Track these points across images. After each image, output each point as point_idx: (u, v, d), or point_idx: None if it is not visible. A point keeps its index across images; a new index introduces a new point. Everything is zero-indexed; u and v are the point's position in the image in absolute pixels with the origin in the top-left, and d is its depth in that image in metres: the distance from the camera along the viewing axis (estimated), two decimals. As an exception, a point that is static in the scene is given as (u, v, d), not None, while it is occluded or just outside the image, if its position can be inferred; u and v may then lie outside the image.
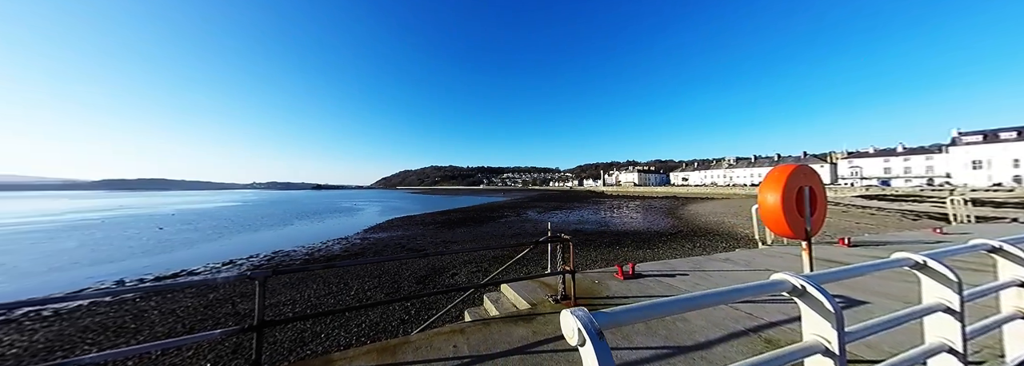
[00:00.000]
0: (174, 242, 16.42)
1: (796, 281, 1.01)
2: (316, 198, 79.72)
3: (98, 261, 12.33)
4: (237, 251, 13.97)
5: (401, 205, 47.12)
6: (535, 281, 3.95)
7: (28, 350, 4.99)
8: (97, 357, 1.37)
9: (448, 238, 15.74)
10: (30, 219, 28.47)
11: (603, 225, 19.50)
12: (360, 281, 8.14)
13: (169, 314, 6.23)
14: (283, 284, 7.82)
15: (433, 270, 9.09)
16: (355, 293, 7.31)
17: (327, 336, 5.14)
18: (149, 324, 5.83)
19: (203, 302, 6.80)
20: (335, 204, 50.25)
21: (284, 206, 46.21)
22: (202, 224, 24.00)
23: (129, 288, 1.75)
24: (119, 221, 26.30)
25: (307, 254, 13.01)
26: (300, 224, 24.01)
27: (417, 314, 5.95)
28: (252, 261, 12.01)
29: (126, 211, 36.94)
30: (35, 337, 5.44)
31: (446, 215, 28.17)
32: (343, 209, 39.41)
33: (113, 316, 6.23)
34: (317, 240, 16.36)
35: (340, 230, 20.20)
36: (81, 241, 16.88)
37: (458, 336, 2.38)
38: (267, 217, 29.42)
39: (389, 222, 23.79)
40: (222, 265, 11.49)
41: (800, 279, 1.01)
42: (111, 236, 18.31)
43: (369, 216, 29.96)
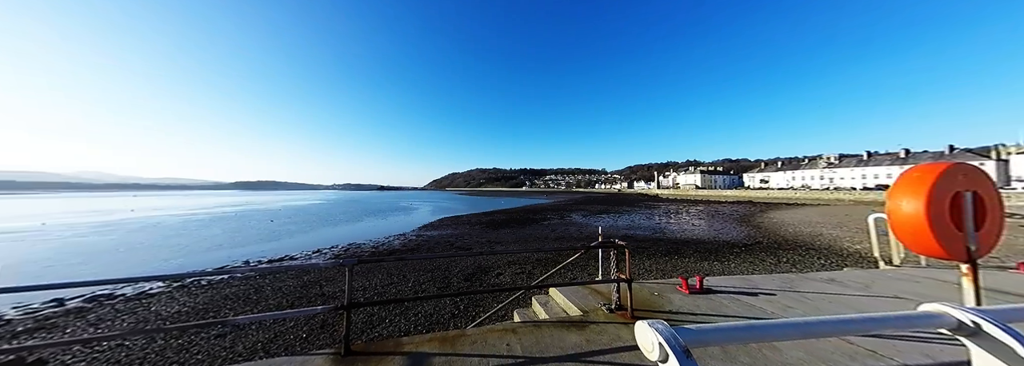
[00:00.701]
0: (280, 232, 20.40)
1: (966, 316, 0.76)
2: (380, 198, 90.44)
3: (233, 245, 16.04)
4: (322, 242, 16.67)
5: (449, 205, 50.38)
6: (586, 287, 3.79)
7: (194, 309, 6.75)
8: (241, 320, 1.83)
9: (492, 238, 16.22)
10: (193, 211, 38.60)
11: (658, 231, 17.79)
12: (416, 274, 8.92)
13: (277, 291, 7.74)
14: (357, 272, 9.05)
15: (479, 269, 9.45)
16: (412, 285, 8.03)
17: (391, 321, 5.75)
18: (264, 297, 7.33)
19: (300, 283, 8.28)
20: (394, 204, 56.26)
21: (355, 205, 53.54)
22: (298, 218, 29.33)
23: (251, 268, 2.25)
24: (245, 214, 33.82)
25: (373, 247, 14.80)
26: (367, 220, 27.50)
27: (466, 310, 6.25)
28: (333, 250, 14.19)
29: (249, 207, 47.29)
30: (197, 299, 7.32)
31: (490, 216, 29.07)
32: (401, 208, 43.87)
33: (242, 289, 8.02)
34: (380, 235, 18.52)
35: (398, 227, 22.50)
36: (223, 228, 22.20)
37: (510, 335, 2.42)
38: (343, 214, 34.45)
39: (439, 221, 25.59)
40: (313, 253, 13.82)
41: (974, 314, 0.76)
42: (240, 226, 23.65)
43: (422, 215, 32.73)
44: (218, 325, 1.85)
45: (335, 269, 8.50)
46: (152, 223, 25.28)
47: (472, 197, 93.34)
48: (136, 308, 6.82)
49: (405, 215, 32.84)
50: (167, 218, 29.33)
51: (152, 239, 17.78)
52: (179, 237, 18.46)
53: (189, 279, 8.95)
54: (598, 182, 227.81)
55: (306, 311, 1.92)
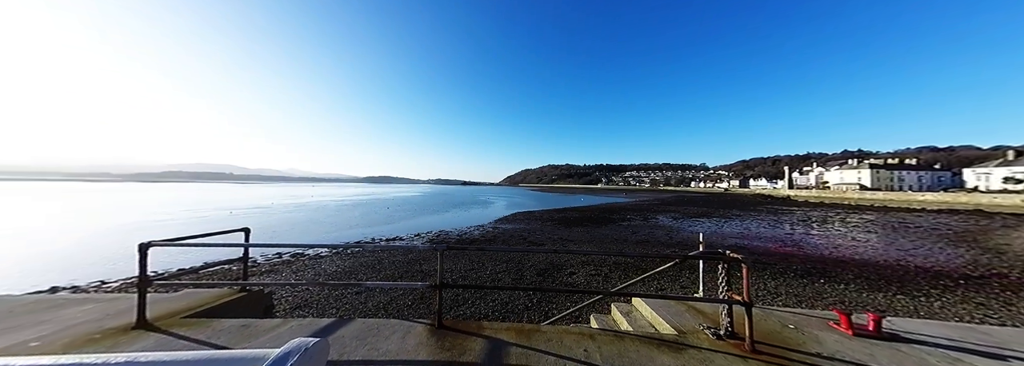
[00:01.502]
0: (393, 217, 25.60)
1: None
2: (463, 192, 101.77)
3: (365, 225, 21.10)
4: (421, 227, 20.02)
5: (522, 201, 52.03)
6: (682, 304, 3.19)
7: (343, 270, 9.21)
8: (370, 284, 2.36)
9: (564, 236, 15.83)
10: (342, 198, 52.70)
11: (788, 244, 13.56)
12: (493, 264, 9.57)
13: (392, 264, 9.73)
14: (446, 256, 10.38)
15: (551, 265, 9.37)
16: (489, 273, 8.67)
17: (471, 303, 6.37)
18: (384, 268, 9.34)
19: (406, 260, 10.17)
20: (475, 198, 62.21)
21: (444, 198, 61.90)
22: (404, 207, 36.10)
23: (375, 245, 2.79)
24: (371, 202, 43.93)
25: (458, 235, 16.76)
26: (453, 212, 31.36)
27: (538, 304, 6.30)
28: (428, 235, 16.82)
29: (373, 196, 61.26)
30: (345, 263, 9.97)
31: (562, 213, 28.50)
32: (480, 202, 48.13)
33: (370, 259, 10.44)
34: (463, 225, 20.80)
35: (477, 219, 24.74)
36: (359, 212, 29.49)
37: (588, 341, 2.25)
38: (435, 205, 40.37)
39: (513, 216, 26.77)
40: (414, 236, 16.76)
41: None
42: (367, 211, 30.87)
43: (498, 209, 34.96)
44: (357, 285, 2.42)
45: (430, 251, 10.06)
46: (322, 205, 36.33)
47: (544, 193, 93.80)
48: (314, 265, 9.81)
49: (483, 209, 35.85)
50: (329, 202, 41.36)
51: (322, 216, 25.28)
52: (337, 216, 25.64)
53: (340, 248, 12.26)
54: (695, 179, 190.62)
55: (411, 285, 2.31)
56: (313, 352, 0.58)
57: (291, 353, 0.56)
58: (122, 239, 14.49)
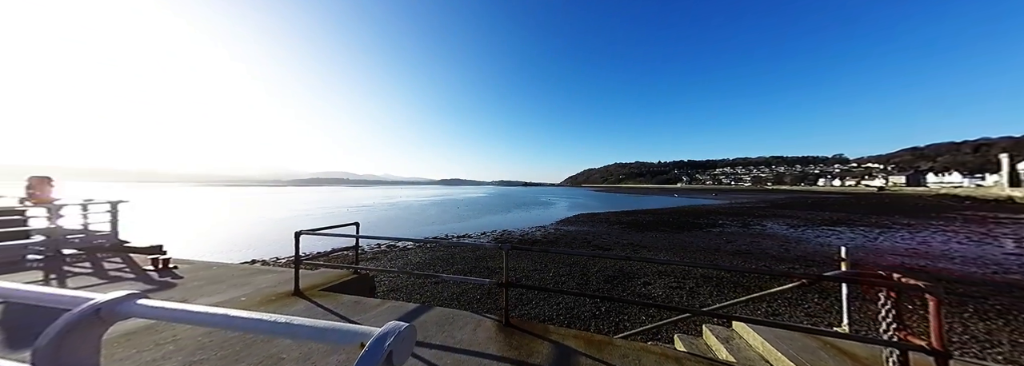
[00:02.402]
0: (463, 216, 28.05)
1: None
2: (524, 193, 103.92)
3: (438, 222, 23.76)
4: (486, 226, 21.30)
5: (585, 202, 49.66)
6: (814, 338, 2.44)
7: (424, 261, 10.55)
8: (445, 276, 2.62)
9: (635, 241, 14.32)
10: (422, 199, 60.68)
11: (1004, 268, 8.94)
12: (556, 266, 9.39)
13: (462, 259, 10.64)
14: (511, 255, 10.71)
15: (620, 272, 8.58)
16: (552, 275, 8.53)
17: (535, 304, 6.37)
18: (456, 262, 10.28)
19: (474, 256, 10.96)
20: (536, 199, 62.56)
21: (506, 199, 64.32)
22: (471, 207, 39.10)
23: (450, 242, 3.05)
24: (444, 202, 49.22)
25: (520, 236, 17.12)
26: (514, 212, 32.26)
27: (606, 314, 5.85)
28: (493, 233, 17.73)
29: (445, 197, 68.39)
30: (425, 256, 11.40)
31: (632, 216, 25.90)
32: (541, 203, 48.15)
33: (445, 254, 11.66)
34: (525, 225, 21.13)
35: (538, 220, 24.75)
36: (435, 211, 33.39)
37: (671, 363, 1.94)
38: (498, 206, 42.38)
39: (576, 217, 25.77)
40: (480, 234, 17.95)
41: None
42: (442, 210, 34.62)
43: (559, 210, 34.25)
44: (435, 277, 2.71)
45: (495, 250, 10.57)
46: (407, 204, 42.69)
47: (609, 194, 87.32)
48: (403, 255, 11.56)
49: (544, 210, 35.71)
50: (412, 202, 48.28)
51: (407, 214, 29.64)
52: (419, 214, 29.73)
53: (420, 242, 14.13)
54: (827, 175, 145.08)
55: (479, 281, 2.45)
56: (405, 335, 0.66)
57: (388, 334, 0.64)
58: (285, 227, 20.14)
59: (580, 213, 29.53)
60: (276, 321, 0.77)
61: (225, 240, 15.43)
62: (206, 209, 34.03)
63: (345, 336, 0.67)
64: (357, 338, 0.65)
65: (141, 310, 0.89)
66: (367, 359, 0.60)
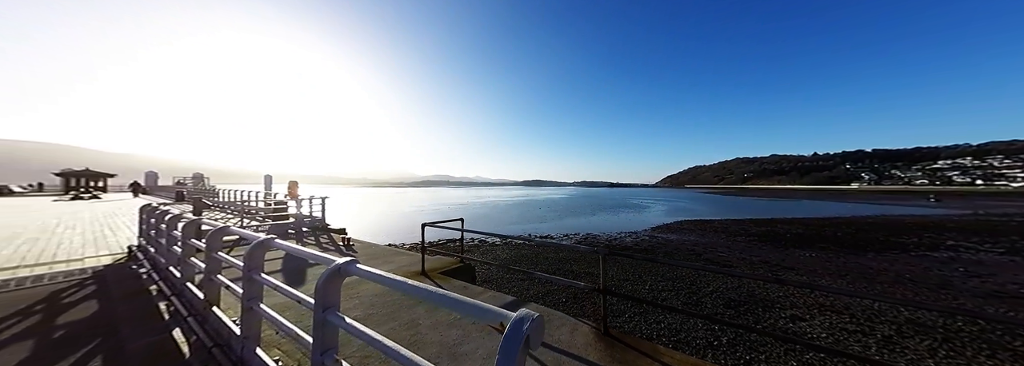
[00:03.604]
0: (545, 217, 28.48)
1: None
2: (610, 195, 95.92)
3: (522, 221, 24.92)
4: (568, 228, 20.90)
5: (690, 206, 41.45)
6: None
7: (510, 258, 11.33)
8: (538, 274, 2.79)
9: (769, 259, 10.93)
10: (507, 199, 65.08)
11: None
12: (652, 278, 8.28)
13: (544, 260, 10.85)
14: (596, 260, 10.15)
15: (750, 297, 6.77)
16: (648, 288, 7.57)
17: (629, 317, 5.83)
18: (540, 261, 10.58)
19: (555, 258, 10.97)
20: (624, 201, 56.72)
21: (589, 200, 61.06)
22: (553, 208, 39.16)
23: (545, 241, 3.20)
24: (526, 203, 51.19)
25: (606, 241, 15.94)
26: (599, 215, 30.25)
27: (729, 345, 4.74)
28: (577, 237, 17.24)
29: (527, 198, 70.89)
30: (511, 253, 12.21)
31: (767, 226, 19.88)
32: (630, 206, 43.29)
33: (528, 253, 12.17)
34: (612, 230, 19.51)
35: (627, 224, 22.35)
36: (519, 210, 35.23)
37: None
38: (581, 207, 40.74)
39: (678, 224, 21.91)
40: (563, 236, 17.77)
41: None
42: (525, 211, 36.14)
43: (655, 215, 29.92)
44: (528, 274, 2.92)
45: (589, 253, 10.22)
46: (494, 204, 46.78)
47: (725, 197, 69.84)
48: (492, 250, 12.77)
49: (634, 213, 31.98)
50: (499, 202, 52.53)
51: (494, 213, 32.51)
52: (505, 213, 32.17)
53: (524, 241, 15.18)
54: None
55: (573, 283, 2.49)
56: (537, 323, 0.75)
57: (524, 319, 0.76)
58: (408, 219, 25.66)
59: (683, 219, 24.95)
60: (442, 293, 1.02)
61: (373, 227, 21.00)
62: (360, 204, 47.01)
63: (486, 314, 0.85)
64: (496, 318, 0.82)
65: (357, 271, 1.40)
66: (510, 340, 0.71)
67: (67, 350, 2.32)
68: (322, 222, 8.99)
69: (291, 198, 9.34)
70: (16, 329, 2.65)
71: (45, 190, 26.56)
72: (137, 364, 2.15)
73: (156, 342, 2.42)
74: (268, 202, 10.48)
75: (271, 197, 11.22)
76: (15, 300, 3.28)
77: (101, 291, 3.57)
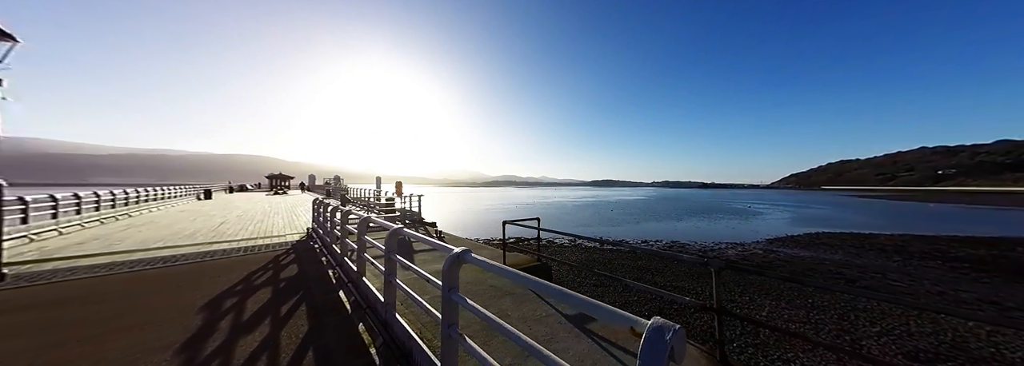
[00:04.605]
0: (618, 220, 26.25)
1: None
2: (703, 196, 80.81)
3: (593, 224, 23.61)
4: (647, 233, 18.64)
5: (830, 214, 31.03)
6: None
7: (581, 260, 10.88)
8: (629, 283, 2.60)
9: (1000, 298, 7.08)
10: (574, 199, 62.85)
11: None
12: (772, 301, 6.56)
13: (619, 266, 9.97)
14: (696, 273, 8.67)
15: (958, 350, 4.59)
16: (767, 312, 6.04)
17: (740, 348, 4.78)
18: (613, 267, 9.79)
19: (634, 266, 9.92)
20: (724, 204, 46.83)
21: (674, 202, 52.88)
22: (627, 210, 35.67)
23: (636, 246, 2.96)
24: (596, 204, 48.20)
25: (698, 250, 13.49)
26: (688, 220, 25.81)
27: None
28: (658, 244, 15.21)
29: (597, 199, 66.62)
30: (581, 256, 11.73)
31: (989, 248, 13.10)
32: (734, 211, 35.38)
33: (600, 257, 11.43)
34: (709, 239, 16.35)
35: (731, 233, 18.32)
36: (590, 212, 33.55)
37: None
38: (663, 210, 35.72)
39: (811, 237, 16.72)
40: (641, 242, 15.97)
41: None
42: (595, 212, 34.12)
43: (773, 223, 23.63)
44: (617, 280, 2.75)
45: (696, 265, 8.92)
46: (561, 205, 45.88)
47: (902, 203, 49.18)
48: (561, 251, 12.56)
49: (740, 220, 25.97)
50: (566, 203, 51.28)
51: (562, 214, 31.88)
52: (574, 214, 31.23)
53: (578, 240, 14.64)
54: None
55: (677, 298, 2.19)
56: (680, 335, 0.67)
57: (665, 328, 0.69)
58: (484, 217, 27.82)
59: (818, 231, 18.92)
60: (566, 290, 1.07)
61: (454, 221, 23.65)
62: (442, 202, 53.57)
63: (614, 317, 0.84)
64: (625, 322, 0.80)
65: (473, 260, 1.61)
66: (651, 351, 0.64)
67: (288, 295, 3.49)
68: (419, 216, 10.67)
69: (397, 195, 11.43)
70: (262, 278, 4.14)
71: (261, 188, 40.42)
72: (322, 311, 3.05)
73: (330, 299, 3.37)
74: (381, 199, 13.13)
75: (383, 194, 14.03)
76: (258, 259, 5.13)
77: (297, 258, 5.20)
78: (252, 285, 3.81)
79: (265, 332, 2.60)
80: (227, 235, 7.22)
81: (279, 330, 2.64)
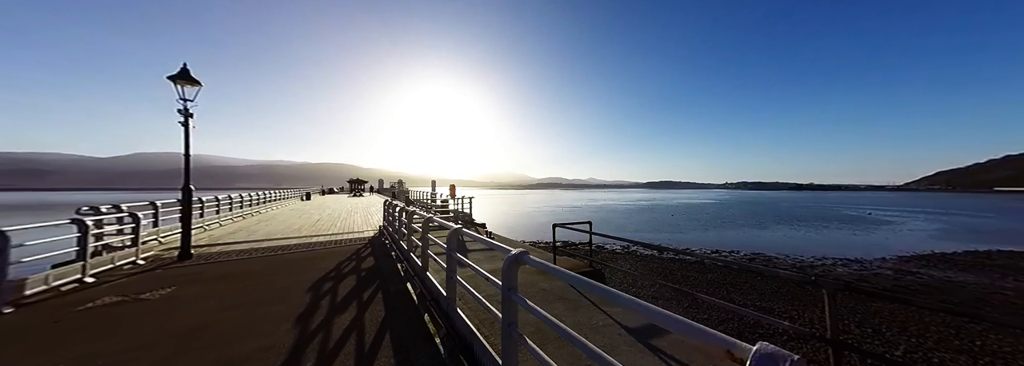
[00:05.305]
0: (680, 226, 23.40)
1: None
2: (796, 200, 66.47)
3: (649, 229, 21.50)
4: (719, 242, 16.13)
5: (1010, 226, 22.35)
6: None
7: (634, 268, 9.99)
8: (707, 299, 2.30)
9: None
10: (625, 202, 58.24)
11: None
12: (915, 338, 4.97)
13: (682, 278, 8.81)
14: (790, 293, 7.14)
15: None
16: (902, 352, 4.61)
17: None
18: (674, 278, 8.71)
19: (703, 280, 8.65)
20: (830, 210, 37.76)
21: (756, 206, 44.72)
22: (692, 215, 31.51)
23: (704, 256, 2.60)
24: (653, 207, 43.82)
25: (794, 267, 11.10)
26: (775, 229, 21.47)
27: None
28: (735, 256, 13.03)
29: (654, 202, 60.51)
30: (633, 264, 10.74)
31: None
32: (845, 218, 28.21)
33: (658, 266, 10.30)
34: (803, 252, 13.36)
35: (840, 247, 14.61)
36: (646, 217, 30.72)
37: None
38: (740, 216, 30.49)
39: (977, 257, 12.34)
40: (711, 252, 13.90)
41: None
42: (652, 217, 31.04)
43: (909, 236, 18.15)
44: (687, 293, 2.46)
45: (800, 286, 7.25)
46: (612, 208, 43.04)
47: None
48: (612, 257, 11.74)
49: (854, 230, 20.58)
50: (616, 206, 47.91)
51: (614, 217, 29.87)
52: (626, 218, 29.05)
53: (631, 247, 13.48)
54: None
55: (770, 320, 1.81)
56: None
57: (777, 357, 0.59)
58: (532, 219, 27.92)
59: (993, 248, 13.81)
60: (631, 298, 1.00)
61: (502, 223, 24.27)
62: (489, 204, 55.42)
63: (702, 335, 0.73)
64: (720, 343, 0.70)
65: (531, 261, 1.64)
66: None
67: (368, 283, 4.08)
68: (470, 217, 11.28)
69: (451, 197, 12.30)
70: (348, 267, 4.91)
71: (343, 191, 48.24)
72: (395, 300, 3.47)
73: (400, 289, 3.81)
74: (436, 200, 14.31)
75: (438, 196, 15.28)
76: (345, 251, 6.10)
77: (372, 252, 6.02)
78: (342, 273, 4.56)
79: (353, 314, 3.08)
80: (322, 230, 8.76)
81: (363, 313, 3.10)
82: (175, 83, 5.16)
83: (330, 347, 2.42)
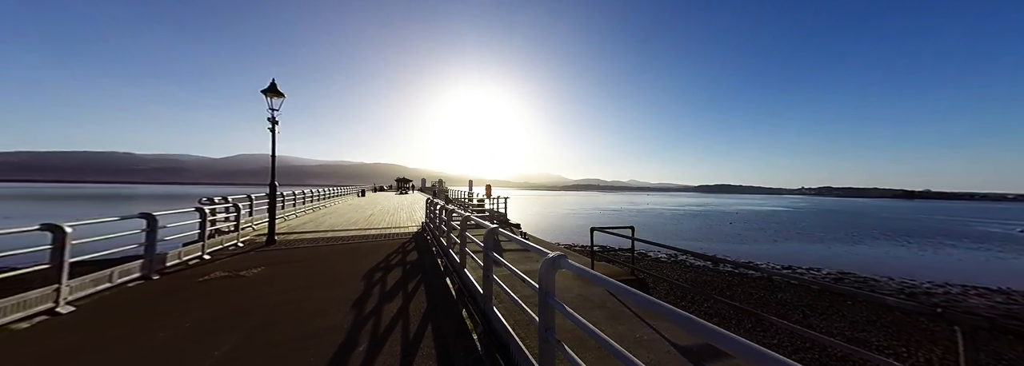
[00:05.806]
0: (743, 236, 20.59)
1: None
2: (904, 211, 53.74)
3: (701, 238, 19.32)
4: (791, 257, 13.78)
5: None
6: None
7: (679, 278, 9.04)
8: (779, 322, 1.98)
9: None
10: (674, 207, 53.24)
11: None
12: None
13: (743, 295, 7.68)
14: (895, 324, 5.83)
15: None
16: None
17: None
18: (734, 297, 7.64)
19: (777, 299, 7.44)
20: (956, 224, 29.81)
21: (844, 217, 37.30)
22: (757, 224, 27.50)
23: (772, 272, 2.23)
24: (707, 214, 39.34)
25: (901, 292, 8.94)
26: (872, 244, 17.58)
27: None
28: (814, 275, 11.01)
29: (708, 207, 54.24)
30: (678, 274, 9.71)
31: None
32: (981, 236, 21.97)
33: (705, 277, 9.15)
34: (913, 275, 10.70)
35: (971, 272, 11.45)
36: (698, 224, 27.79)
37: None
38: (818, 227, 25.72)
39: None
40: (783, 268, 11.94)
41: None
42: (706, 224, 27.88)
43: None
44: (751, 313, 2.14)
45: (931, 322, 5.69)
46: (657, 212, 39.90)
47: None
48: (655, 266, 10.81)
49: (989, 250, 16.00)
50: (663, 210, 44.18)
51: (659, 222, 27.58)
52: (674, 224, 26.65)
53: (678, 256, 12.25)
54: None
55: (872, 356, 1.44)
56: None
57: None
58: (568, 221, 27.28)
59: None
60: (688, 316, 0.90)
61: (536, 224, 24.13)
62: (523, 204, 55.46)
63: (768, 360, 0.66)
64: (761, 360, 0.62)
65: (568, 266, 1.58)
66: None
67: (412, 276, 4.39)
68: (505, 217, 11.43)
69: (487, 197, 12.62)
70: (395, 260, 5.35)
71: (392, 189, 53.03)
72: (435, 293, 3.68)
73: (440, 284, 4.02)
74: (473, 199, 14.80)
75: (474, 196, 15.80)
76: (392, 244, 6.66)
77: (416, 246, 6.47)
78: (390, 264, 4.98)
79: (400, 303, 3.34)
80: (373, 224, 9.70)
81: (408, 303, 3.34)
82: (266, 96, 6.21)
83: (380, 332, 2.66)
